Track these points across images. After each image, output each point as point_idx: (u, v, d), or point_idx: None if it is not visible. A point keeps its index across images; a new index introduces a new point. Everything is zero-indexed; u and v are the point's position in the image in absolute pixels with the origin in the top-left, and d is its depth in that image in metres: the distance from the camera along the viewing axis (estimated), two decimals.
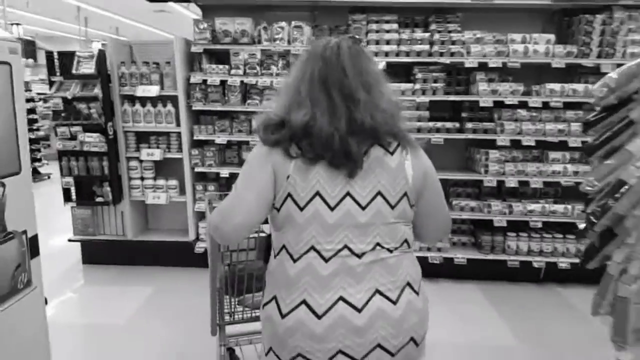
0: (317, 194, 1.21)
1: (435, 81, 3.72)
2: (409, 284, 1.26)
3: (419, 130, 3.74)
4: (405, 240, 1.29)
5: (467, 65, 3.63)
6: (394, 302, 1.22)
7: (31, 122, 8.57)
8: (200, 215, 4.16)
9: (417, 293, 1.28)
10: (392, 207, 1.24)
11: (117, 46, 3.98)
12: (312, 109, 1.22)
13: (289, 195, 1.23)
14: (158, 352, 2.82)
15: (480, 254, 3.86)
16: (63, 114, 3.85)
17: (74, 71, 3.71)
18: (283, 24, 3.82)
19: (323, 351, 1.19)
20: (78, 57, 3.74)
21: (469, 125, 3.72)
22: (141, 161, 4.01)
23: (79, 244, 4.23)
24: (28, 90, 9.67)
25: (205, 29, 3.82)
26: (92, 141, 3.80)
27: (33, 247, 1.91)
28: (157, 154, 3.96)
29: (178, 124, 3.93)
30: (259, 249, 1.86)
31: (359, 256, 1.22)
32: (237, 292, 1.99)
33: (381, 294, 1.22)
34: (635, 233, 1.36)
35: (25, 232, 1.84)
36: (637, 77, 1.35)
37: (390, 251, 1.25)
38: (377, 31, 3.74)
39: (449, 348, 2.88)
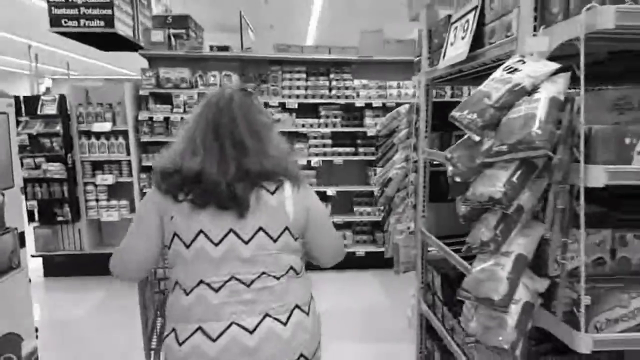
0: (201, 231, 1.28)
1: (335, 117, 4.74)
2: (297, 306, 1.35)
3: (324, 154, 4.72)
4: (291, 267, 1.37)
5: (357, 104, 4.69)
6: (284, 324, 1.31)
7: None
8: None
9: (306, 313, 1.37)
10: (275, 241, 1.32)
11: (75, 90, 4.73)
12: (204, 156, 1.30)
13: (175, 234, 1.30)
14: (105, 341, 3.51)
15: (376, 248, 4.82)
16: (28, 148, 4.52)
17: (38, 112, 4.43)
18: (215, 72, 4.72)
19: None
20: (42, 100, 4.47)
21: (361, 149, 4.74)
22: (96, 185, 4.72)
23: (40, 259, 4.83)
24: None
25: (151, 76, 4.66)
26: (54, 169, 4.50)
27: (21, 240, 2.64)
28: (110, 179, 4.69)
29: (128, 154, 4.69)
30: None
31: (247, 285, 1.30)
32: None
33: (271, 317, 1.30)
34: (401, 206, 2.31)
35: (16, 228, 2.58)
36: (395, 119, 2.33)
37: (277, 278, 1.33)
38: (290, 79, 4.72)
39: (346, 313, 3.82)
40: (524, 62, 1.29)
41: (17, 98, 4.54)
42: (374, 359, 3.13)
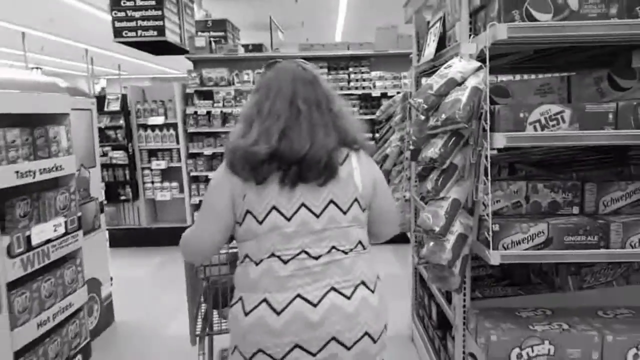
0: (274, 207, 1.24)
1: (353, 106, 5.22)
2: (363, 282, 1.30)
3: None
4: (359, 242, 1.32)
5: (373, 94, 5.14)
6: (348, 298, 1.26)
7: None
8: (195, 207, 5.54)
9: (371, 291, 1.31)
10: (345, 213, 1.28)
11: (134, 89, 5.43)
12: (312, 130, 1.25)
13: (248, 211, 1.26)
14: (158, 296, 4.17)
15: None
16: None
17: (105, 109, 5.14)
18: (249, 71, 5.30)
19: (281, 345, 1.22)
20: (108, 99, 5.18)
21: (377, 134, 5.20)
22: (152, 170, 5.41)
23: (106, 232, 5.56)
24: None
25: (196, 76, 5.28)
26: (118, 156, 5.22)
27: (101, 207, 3.30)
28: (163, 164, 5.37)
29: (177, 142, 5.35)
30: (231, 264, 1.89)
31: (316, 258, 1.25)
32: (216, 304, 1.99)
33: (336, 290, 1.25)
34: (397, 178, 2.78)
35: (97, 198, 3.24)
36: (392, 106, 2.78)
37: (346, 252, 1.28)
38: None
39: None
40: (460, 61, 1.76)
41: None
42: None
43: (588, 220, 1.64)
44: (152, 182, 5.45)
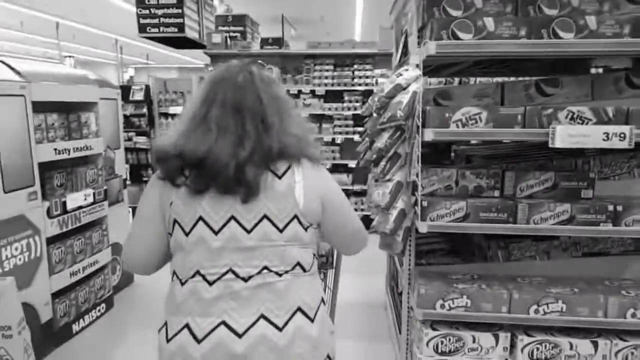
0: (200, 218, 1.16)
1: (356, 101, 5.63)
2: (300, 309, 1.18)
3: (347, 133, 5.64)
4: (298, 264, 1.21)
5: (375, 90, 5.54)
6: (280, 329, 1.14)
7: None
8: None
9: (310, 319, 1.19)
10: (281, 230, 1.17)
11: (156, 81, 5.98)
12: (217, 136, 1.16)
13: (175, 221, 1.19)
14: None
15: None
16: (123, 125, 5.84)
17: (130, 98, 5.71)
18: None
19: None
20: (133, 90, 5.74)
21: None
22: None
23: (130, 209, 6.18)
24: None
25: (212, 70, 5.78)
26: (141, 141, 5.79)
27: (124, 183, 3.84)
28: None
29: None
30: None
31: (245, 280, 1.16)
32: None
33: (266, 319, 1.14)
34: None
35: (121, 175, 3.78)
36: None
37: (279, 274, 1.18)
38: (320, 70, 5.66)
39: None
40: (407, 70, 2.18)
41: None
42: (367, 285, 4.05)
43: (500, 200, 2.05)
44: None
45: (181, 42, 5.80)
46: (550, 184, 2.10)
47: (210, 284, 1.17)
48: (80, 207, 2.98)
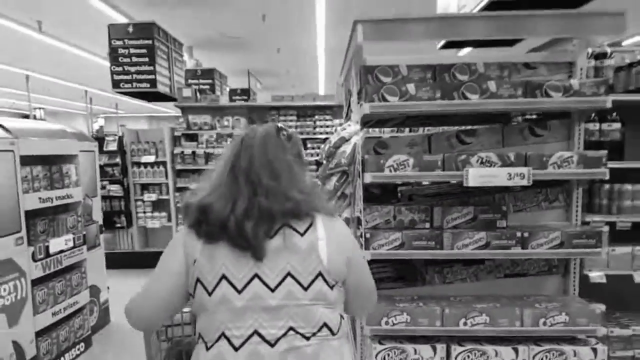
0: (224, 277, 1.15)
1: (318, 148, 6.12)
2: None
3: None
4: (325, 325, 1.18)
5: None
6: None
7: None
8: None
9: None
10: (305, 289, 1.16)
11: (129, 132, 6.32)
12: (217, 191, 1.21)
13: (198, 280, 1.18)
14: None
15: None
16: None
17: (104, 148, 6.01)
18: (229, 117, 6.23)
19: None
20: (107, 140, 6.06)
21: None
22: (144, 201, 6.23)
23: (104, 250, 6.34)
24: None
25: (183, 122, 6.20)
26: (115, 189, 6.05)
27: (100, 229, 4.10)
28: (153, 196, 6.20)
29: (166, 178, 6.20)
30: (195, 323, 1.76)
31: (272, 344, 1.13)
32: None
33: None
34: None
35: (98, 221, 4.04)
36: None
37: (307, 338, 1.15)
38: (284, 121, 6.17)
39: None
40: (349, 125, 2.64)
41: None
42: None
43: (429, 231, 2.47)
44: (144, 212, 6.25)
45: (153, 96, 6.22)
46: (471, 216, 2.54)
47: (236, 349, 1.14)
48: (61, 251, 3.24)
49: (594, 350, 2.38)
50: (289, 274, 1.17)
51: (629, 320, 2.70)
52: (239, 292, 1.15)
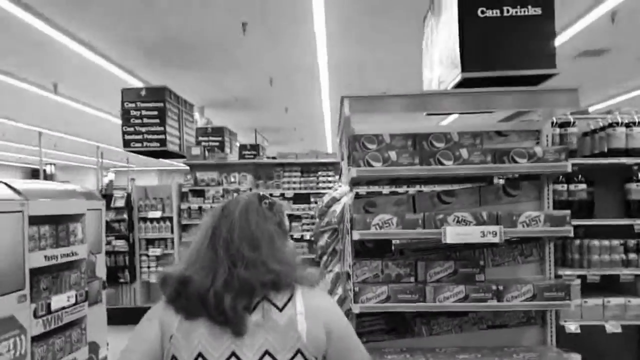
0: (200, 355, 1.14)
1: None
2: None
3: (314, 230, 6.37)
4: None
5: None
6: None
7: None
8: None
9: None
10: None
11: (137, 189, 6.69)
12: (195, 263, 1.21)
13: (174, 357, 1.16)
14: None
15: None
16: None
17: (112, 205, 6.37)
18: (236, 174, 6.62)
19: None
20: (115, 197, 6.42)
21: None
22: (148, 256, 6.50)
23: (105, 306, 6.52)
24: None
25: (190, 178, 6.58)
26: (120, 245, 6.33)
27: (103, 285, 4.34)
28: (158, 251, 6.47)
29: (172, 232, 6.49)
30: None
31: None
32: None
33: None
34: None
35: (101, 277, 4.29)
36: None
37: None
38: (289, 177, 6.54)
39: None
40: (340, 186, 2.95)
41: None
42: None
43: (414, 284, 2.71)
44: (149, 267, 6.51)
45: (163, 154, 6.65)
46: (452, 270, 2.79)
47: None
48: (63, 308, 3.44)
49: None
50: (267, 352, 1.16)
51: None
52: None
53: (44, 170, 13.46)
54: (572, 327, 2.81)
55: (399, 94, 2.69)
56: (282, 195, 6.40)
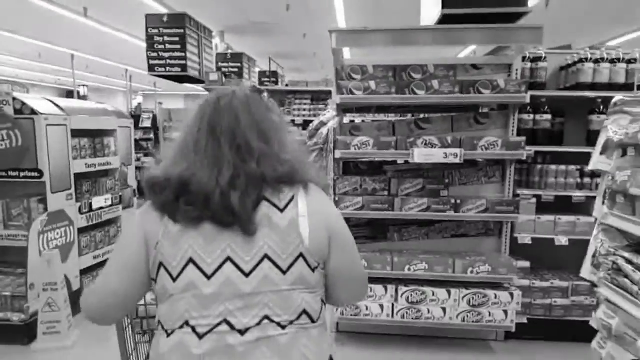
0: (191, 260, 1.04)
1: None
2: None
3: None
4: (305, 312, 1.08)
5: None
6: None
7: None
8: None
9: None
10: (284, 272, 1.05)
11: (162, 111, 7.28)
12: (194, 160, 1.09)
13: (162, 264, 1.06)
14: None
15: None
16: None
17: (140, 125, 7.00)
18: None
19: None
20: (142, 118, 7.03)
21: None
22: None
23: None
24: None
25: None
26: (148, 162, 7.04)
27: (134, 192, 5.05)
28: None
29: None
30: None
31: (242, 332, 1.02)
32: None
33: None
34: None
35: (132, 186, 4.99)
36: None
37: (283, 327, 1.04)
38: (299, 104, 6.95)
39: None
40: (329, 111, 3.40)
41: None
42: None
43: (386, 196, 3.22)
44: None
45: (184, 79, 7.12)
46: (420, 186, 3.27)
47: (201, 337, 1.04)
48: (101, 208, 4.17)
49: (511, 294, 3.10)
50: (266, 256, 1.06)
51: (551, 276, 3.38)
52: (208, 277, 1.05)
53: (78, 92, 14.20)
54: (526, 239, 3.29)
55: (381, 28, 3.04)
56: (293, 121, 6.85)
